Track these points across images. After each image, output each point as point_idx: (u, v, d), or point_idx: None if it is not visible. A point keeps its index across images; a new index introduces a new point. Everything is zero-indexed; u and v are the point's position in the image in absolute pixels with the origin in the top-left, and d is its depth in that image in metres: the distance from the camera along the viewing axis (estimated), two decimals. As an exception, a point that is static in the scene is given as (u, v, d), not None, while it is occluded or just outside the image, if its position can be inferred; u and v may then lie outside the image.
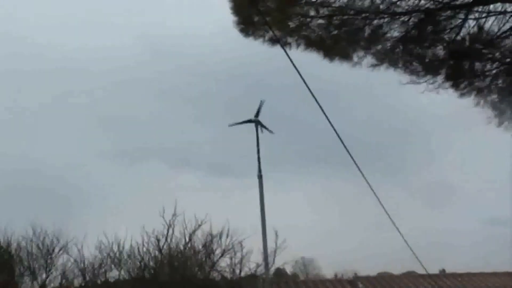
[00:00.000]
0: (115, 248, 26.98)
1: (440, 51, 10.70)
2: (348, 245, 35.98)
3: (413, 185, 40.59)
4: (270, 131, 28.26)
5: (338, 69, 10.47)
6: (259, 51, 10.12)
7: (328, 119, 10.42)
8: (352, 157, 11.33)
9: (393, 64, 10.71)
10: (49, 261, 26.84)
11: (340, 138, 11.09)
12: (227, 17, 9.77)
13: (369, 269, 33.99)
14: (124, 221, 28.47)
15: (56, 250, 26.97)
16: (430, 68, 10.76)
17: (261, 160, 27.07)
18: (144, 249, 26.95)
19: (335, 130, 10.79)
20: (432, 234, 33.29)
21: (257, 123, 28.23)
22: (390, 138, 41.89)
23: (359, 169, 11.07)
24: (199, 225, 27.08)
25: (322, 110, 10.22)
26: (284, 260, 27.90)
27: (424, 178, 41.77)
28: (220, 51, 35.46)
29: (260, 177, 26.76)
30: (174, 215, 27.24)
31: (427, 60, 10.73)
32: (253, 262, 27.02)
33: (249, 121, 28.25)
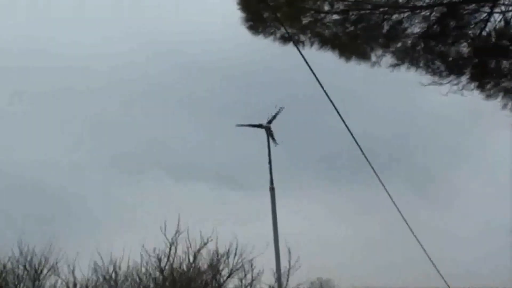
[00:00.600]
0: (111, 269, 25.72)
1: (464, 48, 10.22)
2: (369, 265, 33.98)
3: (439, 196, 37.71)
4: (275, 142, 27.28)
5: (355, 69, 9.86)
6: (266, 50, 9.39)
7: (345, 123, 9.86)
8: (373, 168, 10.74)
9: (414, 63, 10.16)
10: (37, 283, 25.81)
11: (359, 146, 10.49)
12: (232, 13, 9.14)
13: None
14: (121, 238, 27.18)
15: (45, 271, 25.83)
16: (453, 68, 10.25)
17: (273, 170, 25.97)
18: (144, 269, 25.79)
19: (353, 136, 10.23)
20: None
21: (268, 130, 27.04)
22: (412, 140, 39.39)
23: (383, 185, 10.53)
24: (205, 243, 25.62)
25: (339, 113, 9.67)
26: (299, 281, 26.49)
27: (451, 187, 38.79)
28: (226, 50, 33.89)
29: (272, 189, 25.63)
30: (177, 232, 25.95)
31: (450, 58, 10.23)
32: (264, 284, 25.76)
33: (260, 126, 27.06)
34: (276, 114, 26.90)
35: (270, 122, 26.99)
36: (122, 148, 39.00)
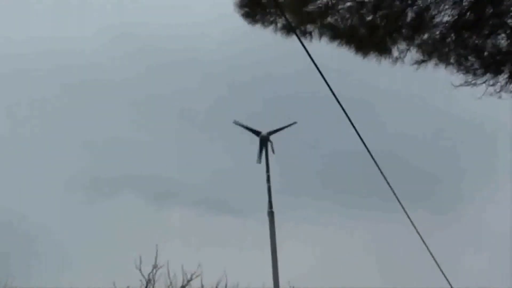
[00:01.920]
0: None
1: (502, 41, 9.09)
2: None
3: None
4: (272, 151, 25.02)
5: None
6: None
7: (360, 136, 8.62)
8: (393, 191, 9.33)
9: (444, 59, 8.95)
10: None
11: (376, 162, 9.14)
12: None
13: None
14: (89, 275, 24.97)
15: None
16: (490, 64, 9.19)
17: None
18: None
19: (369, 150, 8.93)
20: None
21: (264, 140, 24.75)
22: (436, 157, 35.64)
23: (406, 214, 9.16)
24: (188, 280, 23.89)
25: (352, 124, 8.42)
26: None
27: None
28: (215, 45, 31.11)
29: (270, 213, 23.45)
30: (155, 267, 24.25)
31: (486, 53, 9.14)
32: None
33: (256, 132, 25.02)
34: (285, 127, 24.93)
35: (271, 133, 24.95)
36: (87, 166, 35.80)
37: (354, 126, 8.58)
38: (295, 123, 25.07)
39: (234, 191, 32.35)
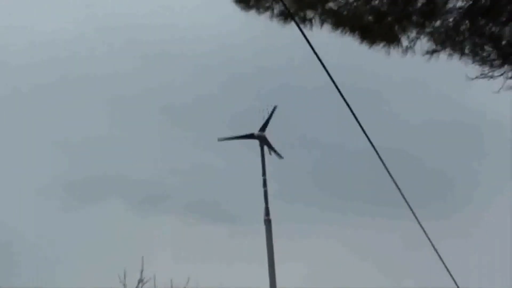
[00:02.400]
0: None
1: None
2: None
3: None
4: (279, 156, 23.57)
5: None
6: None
7: (367, 135, 7.97)
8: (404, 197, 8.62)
9: (457, 49, 8.30)
10: None
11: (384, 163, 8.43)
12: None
13: None
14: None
15: None
16: (508, 55, 8.52)
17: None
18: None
19: (376, 150, 8.24)
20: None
21: (263, 140, 23.25)
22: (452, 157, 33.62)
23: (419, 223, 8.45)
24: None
25: (359, 123, 7.76)
26: None
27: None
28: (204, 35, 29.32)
29: (267, 221, 22.09)
30: (141, 281, 23.41)
31: (504, 42, 8.47)
32: None
33: (251, 136, 23.41)
34: (269, 117, 23.24)
35: (263, 128, 23.29)
36: (67, 170, 33.84)
37: (358, 121, 7.92)
38: (275, 107, 23.33)
39: (226, 196, 31.04)
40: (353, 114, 7.77)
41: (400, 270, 29.19)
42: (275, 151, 23.52)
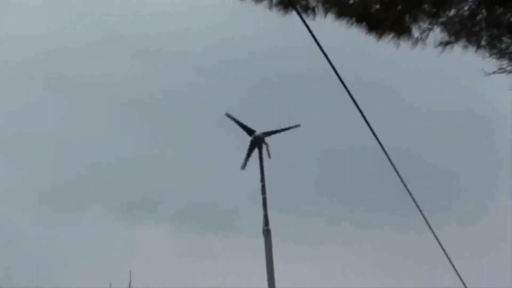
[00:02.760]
0: None
1: None
2: None
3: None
4: (269, 155, 22.80)
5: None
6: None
7: (373, 132, 7.62)
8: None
9: (473, 40, 7.65)
10: None
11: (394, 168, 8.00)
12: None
13: None
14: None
15: None
16: None
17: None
18: None
19: (385, 152, 7.79)
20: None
21: (258, 141, 22.41)
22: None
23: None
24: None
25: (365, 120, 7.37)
26: None
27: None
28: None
29: (267, 232, 20.83)
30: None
31: None
32: None
33: (250, 131, 22.68)
34: (285, 129, 22.59)
35: (267, 134, 22.66)
36: (52, 177, 31.68)
37: (366, 119, 7.43)
38: (298, 125, 22.91)
39: (220, 201, 29.81)
40: (362, 114, 7.35)
41: (400, 270, 28.76)
42: (267, 152, 22.74)
